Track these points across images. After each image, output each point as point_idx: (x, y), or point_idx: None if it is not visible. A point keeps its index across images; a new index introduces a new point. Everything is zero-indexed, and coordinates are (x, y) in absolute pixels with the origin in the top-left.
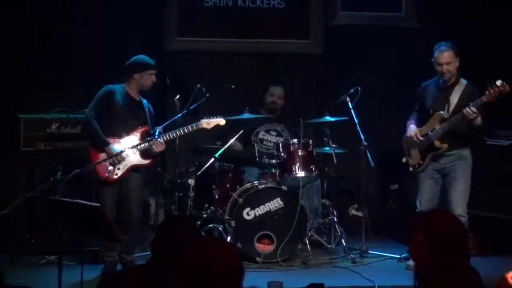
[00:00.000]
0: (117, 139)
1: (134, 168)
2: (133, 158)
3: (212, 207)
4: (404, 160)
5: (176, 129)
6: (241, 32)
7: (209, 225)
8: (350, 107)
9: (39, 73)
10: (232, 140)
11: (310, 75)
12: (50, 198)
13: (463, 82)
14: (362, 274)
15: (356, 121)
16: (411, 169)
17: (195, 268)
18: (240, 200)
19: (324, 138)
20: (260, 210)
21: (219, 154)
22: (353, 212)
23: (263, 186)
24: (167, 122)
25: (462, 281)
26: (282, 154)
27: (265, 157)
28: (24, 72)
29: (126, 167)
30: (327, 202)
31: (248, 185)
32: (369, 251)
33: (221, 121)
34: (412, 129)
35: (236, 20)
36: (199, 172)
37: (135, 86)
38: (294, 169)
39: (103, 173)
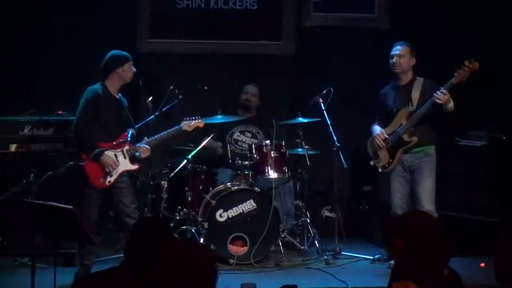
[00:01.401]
0: (108, 144)
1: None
2: (123, 163)
3: (185, 209)
4: (372, 163)
5: (158, 133)
6: (214, 33)
7: (182, 227)
8: (323, 108)
9: (12, 75)
10: (205, 142)
11: (283, 76)
12: (23, 201)
13: (420, 79)
14: (335, 276)
15: (329, 122)
16: (380, 170)
17: (169, 270)
18: (213, 202)
19: (297, 140)
20: (233, 211)
21: (192, 156)
22: (326, 213)
23: (236, 187)
24: (140, 124)
25: (440, 283)
26: (255, 156)
27: (237, 158)
28: None
29: (117, 173)
30: (300, 204)
31: (221, 186)
32: (342, 253)
33: (201, 123)
34: (377, 129)
35: (209, 22)
36: (171, 174)
37: (118, 82)
38: (267, 171)
39: (97, 181)
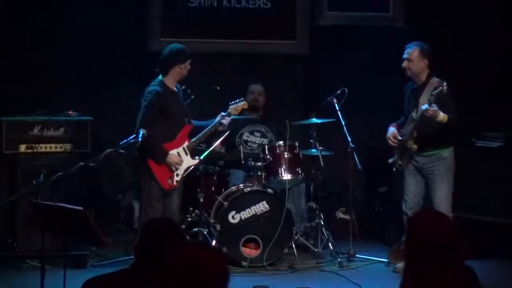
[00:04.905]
0: (170, 144)
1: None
2: (186, 160)
3: (197, 211)
4: (390, 160)
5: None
6: (227, 32)
7: (194, 229)
8: (337, 108)
9: (20, 75)
10: (216, 143)
11: (297, 76)
12: (32, 202)
13: (434, 81)
14: (349, 278)
15: (343, 123)
16: (394, 169)
17: (180, 272)
18: (226, 203)
19: (311, 140)
20: (246, 213)
21: (204, 157)
22: (340, 215)
23: (248, 189)
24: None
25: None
26: (268, 157)
27: (250, 159)
28: (5, 74)
29: (182, 170)
30: (314, 205)
31: (234, 188)
32: (357, 255)
33: (245, 105)
34: (389, 131)
35: (221, 21)
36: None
37: (177, 77)
38: (280, 172)
39: (165, 182)
